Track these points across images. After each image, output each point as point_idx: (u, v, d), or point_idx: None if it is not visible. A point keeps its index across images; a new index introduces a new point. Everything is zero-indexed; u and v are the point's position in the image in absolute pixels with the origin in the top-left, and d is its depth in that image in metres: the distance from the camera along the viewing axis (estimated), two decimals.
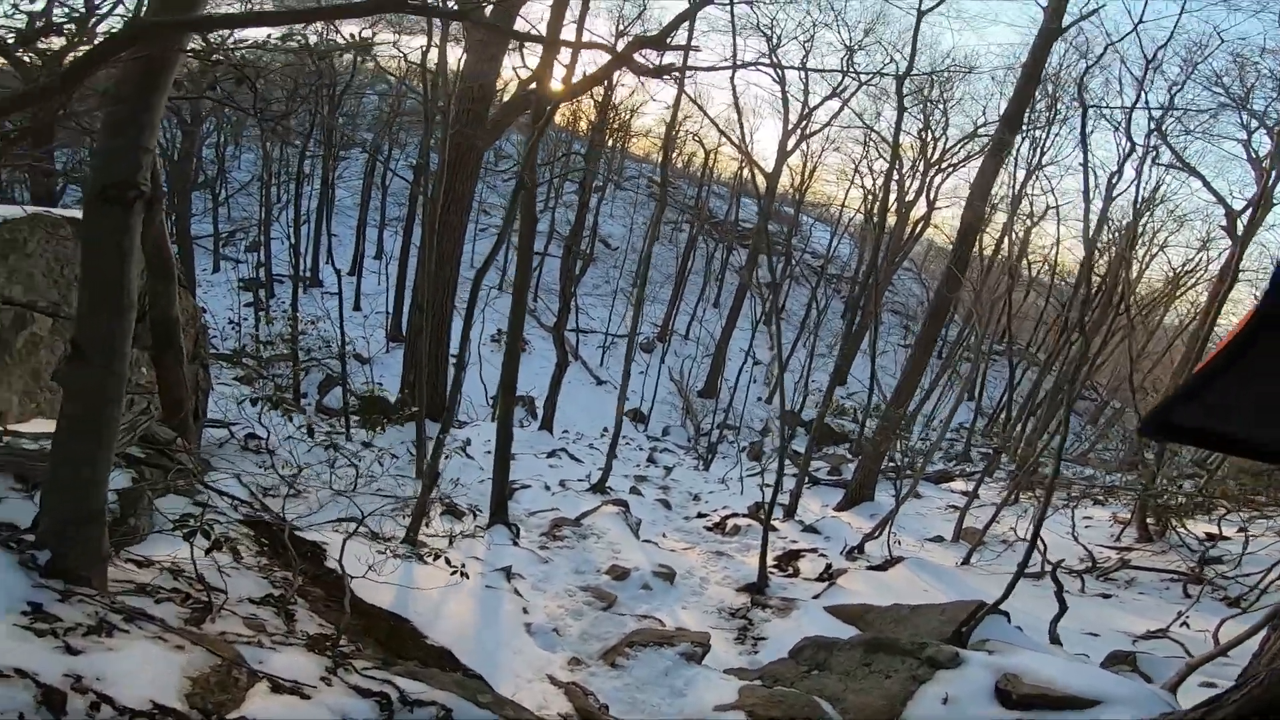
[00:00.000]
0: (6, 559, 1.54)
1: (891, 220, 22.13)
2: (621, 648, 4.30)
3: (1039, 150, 18.21)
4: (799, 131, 21.68)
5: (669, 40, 6.60)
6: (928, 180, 23.33)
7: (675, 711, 3.65)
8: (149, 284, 5.19)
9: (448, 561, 3.58)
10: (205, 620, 1.88)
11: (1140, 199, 12.93)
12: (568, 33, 9.93)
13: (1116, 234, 15.64)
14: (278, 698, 1.63)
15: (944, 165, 23.27)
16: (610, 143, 27.34)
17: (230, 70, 2.37)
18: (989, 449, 15.88)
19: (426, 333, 8.58)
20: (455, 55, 11.49)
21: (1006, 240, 17.97)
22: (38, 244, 5.09)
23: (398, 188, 24.95)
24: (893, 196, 21.92)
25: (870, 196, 24.00)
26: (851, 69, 19.70)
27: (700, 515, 9.79)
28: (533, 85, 11.98)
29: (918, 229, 24.90)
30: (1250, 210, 12.91)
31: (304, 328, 11.90)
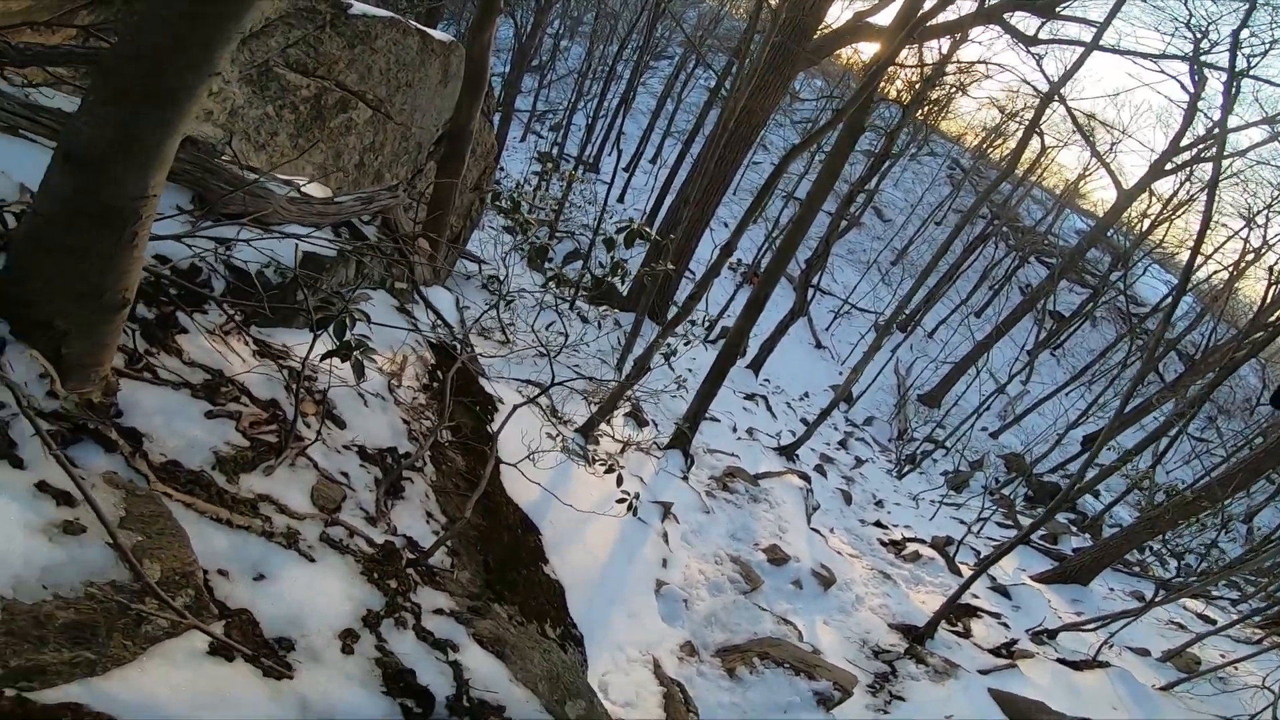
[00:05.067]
0: None
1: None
2: (749, 655, 3.56)
3: None
4: (1194, 152, 16.04)
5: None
6: None
7: None
8: (460, 94, 5.09)
9: (619, 480, 2.81)
10: (257, 468, 1.18)
11: None
12: None
13: None
14: (210, 669, 0.87)
15: None
16: (921, 113, 23.41)
17: None
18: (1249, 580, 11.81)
19: (680, 229, 7.89)
20: None
21: None
22: (386, 42, 5.18)
23: (691, 103, 24.97)
24: None
25: (1251, 254, 16.39)
26: None
27: (879, 525, 8.67)
28: (871, 17, 10.37)
29: None
30: None
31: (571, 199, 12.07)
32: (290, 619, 1.03)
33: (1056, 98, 15.97)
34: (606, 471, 3.20)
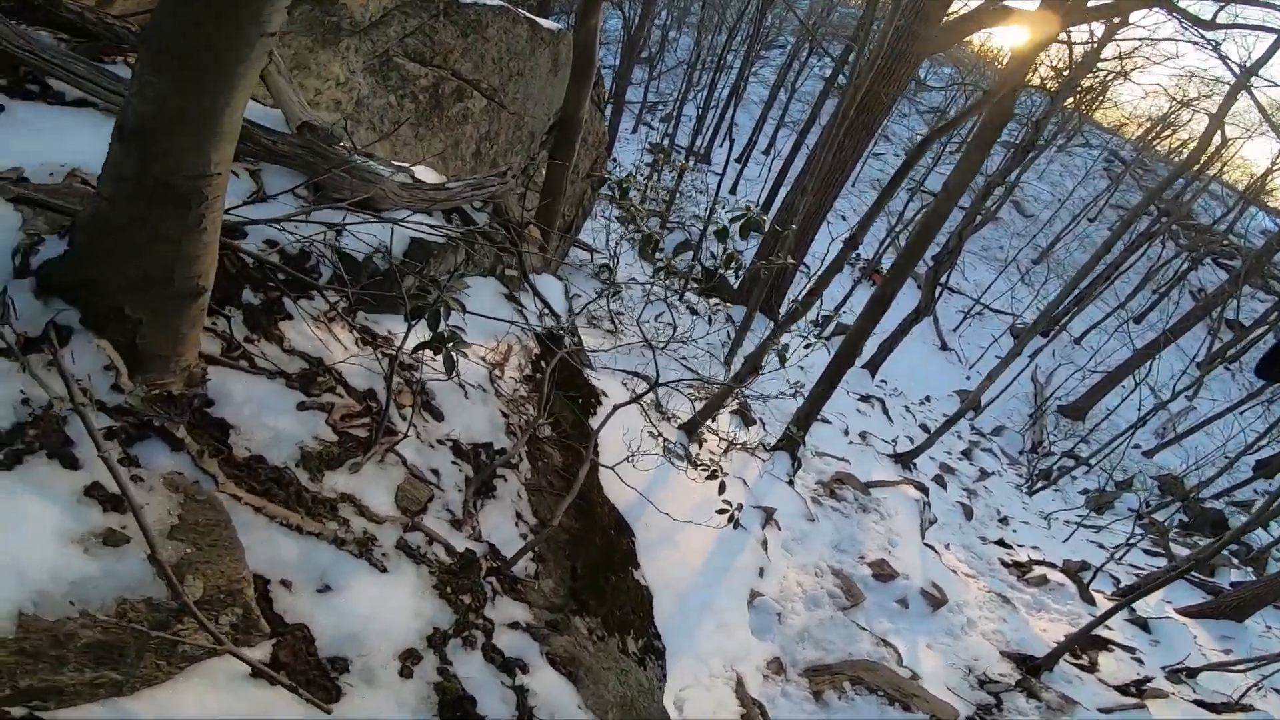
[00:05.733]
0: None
1: None
2: (840, 679, 3.35)
3: None
4: None
5: None
6: None
7: None
8: (569, 84, 5.09)
9: (722, 488, 2.62)
10: (344, 465, 1.11)
11: None
12: None
13: None
14: (251, 692, 0.78)
15: None
16: (1073, 100, 20.44)
17: None
18: None
19: (796, 221, 7.46)
20: None
21: None
22: (496, 31, 5.27)
23: (806, 92, 24.03)
24: None
25: None
26: None
27: (1001, 543, 7.88)
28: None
29: None
30: None
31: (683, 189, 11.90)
32: (350, 636, 0.94)
33: (1245, 89, 13.61)
34: (709, 477, 3.03)
